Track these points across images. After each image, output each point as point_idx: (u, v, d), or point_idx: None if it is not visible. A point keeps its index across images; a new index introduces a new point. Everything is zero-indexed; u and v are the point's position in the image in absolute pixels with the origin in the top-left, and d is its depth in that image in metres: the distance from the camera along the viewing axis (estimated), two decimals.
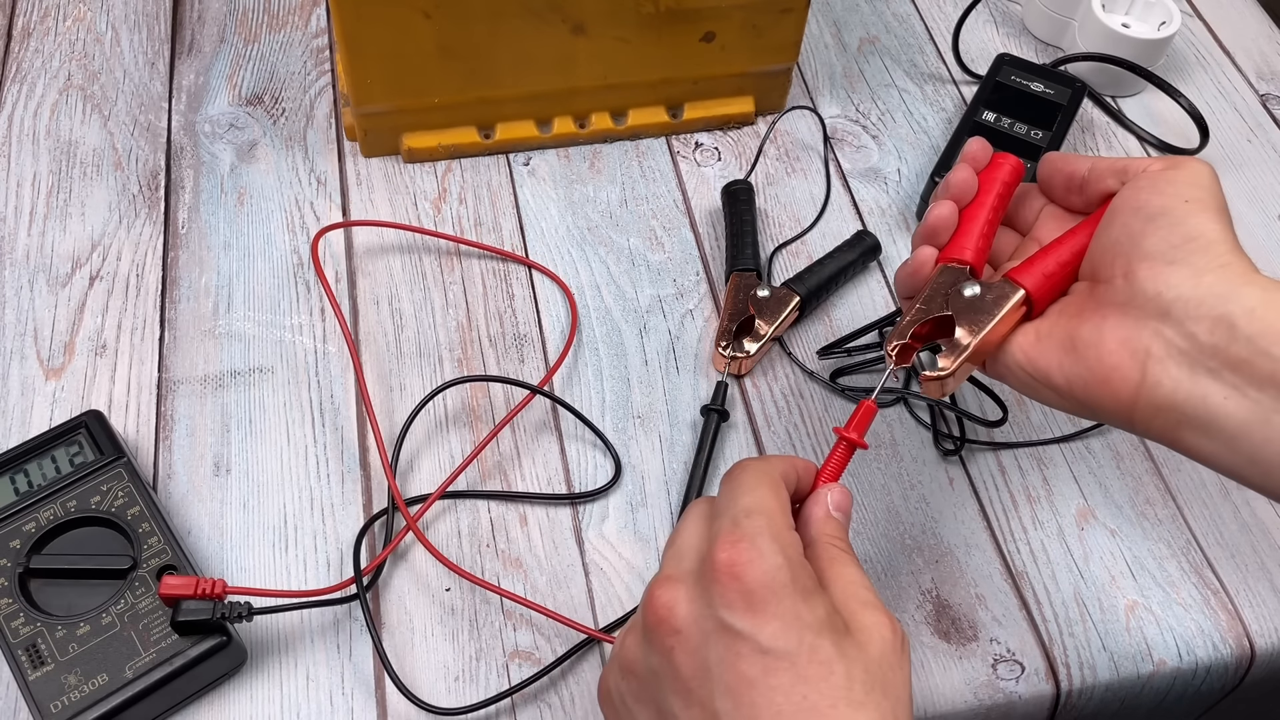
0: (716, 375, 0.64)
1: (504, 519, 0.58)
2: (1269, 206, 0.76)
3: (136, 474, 0.55)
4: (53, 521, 0.53)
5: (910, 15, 0.86)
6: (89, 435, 0.56)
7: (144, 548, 0.52)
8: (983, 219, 0.50)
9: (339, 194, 0.71)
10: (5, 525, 0.53)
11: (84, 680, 0.49)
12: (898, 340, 0.48)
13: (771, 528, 0.39)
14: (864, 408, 0.47)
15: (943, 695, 0.54)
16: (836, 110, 0.79)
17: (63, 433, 0.56)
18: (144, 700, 0.49)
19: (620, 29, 0.69)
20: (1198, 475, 0.62)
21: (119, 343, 0.63)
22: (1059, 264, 0.47)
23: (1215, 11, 0.89)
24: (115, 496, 0.54)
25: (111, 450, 0.56)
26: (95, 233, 0.68)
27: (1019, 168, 0.52)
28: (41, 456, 0.55)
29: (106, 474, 0.55)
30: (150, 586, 0.51)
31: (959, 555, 0.59)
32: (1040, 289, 0.46)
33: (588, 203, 0.72)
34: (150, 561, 0.52)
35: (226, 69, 0.77)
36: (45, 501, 0.53)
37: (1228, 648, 0.56)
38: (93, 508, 0.53)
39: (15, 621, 0.50)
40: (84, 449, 0.56)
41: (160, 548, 0.52)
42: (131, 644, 0.50)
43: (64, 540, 0.53)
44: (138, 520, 0.53)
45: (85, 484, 0.54)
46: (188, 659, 0.49)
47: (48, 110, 0.74)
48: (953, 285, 0.47)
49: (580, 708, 0.52)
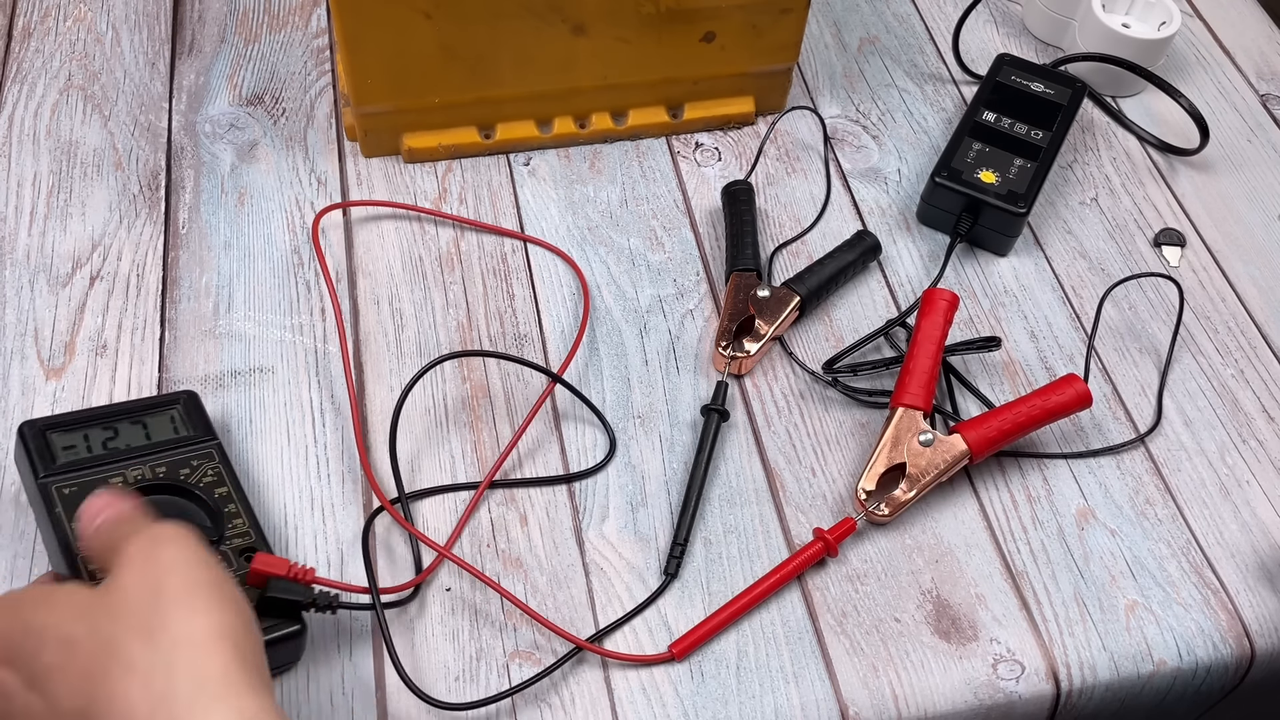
0: (717, 375, 0.64)
1: (504, 519, 0.58)
2: (1269, 206, 0.76)
3: (227, 457, 0.55)
4: (140, 482, 0.52)
5: (910, 15, 0.86)
6: (183, 412, 0.56)
7: (228, 527, 0.52)
8: (932, 365, 0.61)
9: (339, 194, 0.71)
10: (92, 473, 0.52)
11: None
12: (867, 485, 0.59)
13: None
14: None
15: (943, 695, 0.54)
16: (836, 110, 0.79)
17: (156, 405, 0.56)
18: None
19: (620, 29, 0.69)
20: (1197, 475, 0.62)
21: (119, 343, 0.63)
22: (1000, 430, 0.59)
23: (1215, 11, 0.89)
24: (204, 473, 0.54)
25: (204, 430, 0.56)
26: (96, 233, 0.68)
27: (954, 302, 0.63)
28: (133, 421, 0.55)
29: (197, 450, 0.54)
30: (231, 564, 0.51)
31: (959, 555, 0.59)
32: (979, 445, 0.59)
33: (588, 203, 0.72)
34: (233, 541, 0.52)
35: (227, 69, 0.77)
36: (135, 461, 0.53)
37: (1228, 648, 0.56)
38: (181, 479, 0.53)
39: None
40: (177, 424, 0.56)
41: (244, 529, 0.52)
42: None
43: (150, 503, 0.50)
44: (224, 500, 0.53)
45: (176, 455, 0.54)
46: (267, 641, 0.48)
47: (48, 110, 0.74)
48: (912, 432, 0.59)
49: (580, 708, 0.52)
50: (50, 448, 0.53)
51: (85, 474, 0.52)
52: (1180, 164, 0.78)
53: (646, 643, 0.55)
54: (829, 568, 0.57)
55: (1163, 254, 0.72)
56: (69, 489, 0.52)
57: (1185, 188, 0.76)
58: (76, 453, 0.53)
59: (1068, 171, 0.76)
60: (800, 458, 0.62)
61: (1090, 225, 0.74)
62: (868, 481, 0.58)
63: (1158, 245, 0.73)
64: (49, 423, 0.54)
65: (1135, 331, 0.68)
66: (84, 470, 0.53)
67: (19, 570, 0.55)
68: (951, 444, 0.59)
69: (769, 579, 0.56)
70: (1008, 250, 0.71)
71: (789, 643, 0.55)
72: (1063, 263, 0.71)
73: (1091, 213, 0.74)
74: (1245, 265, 0.72)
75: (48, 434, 0.54)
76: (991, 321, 0.68)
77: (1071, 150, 0.78)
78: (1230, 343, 0.68)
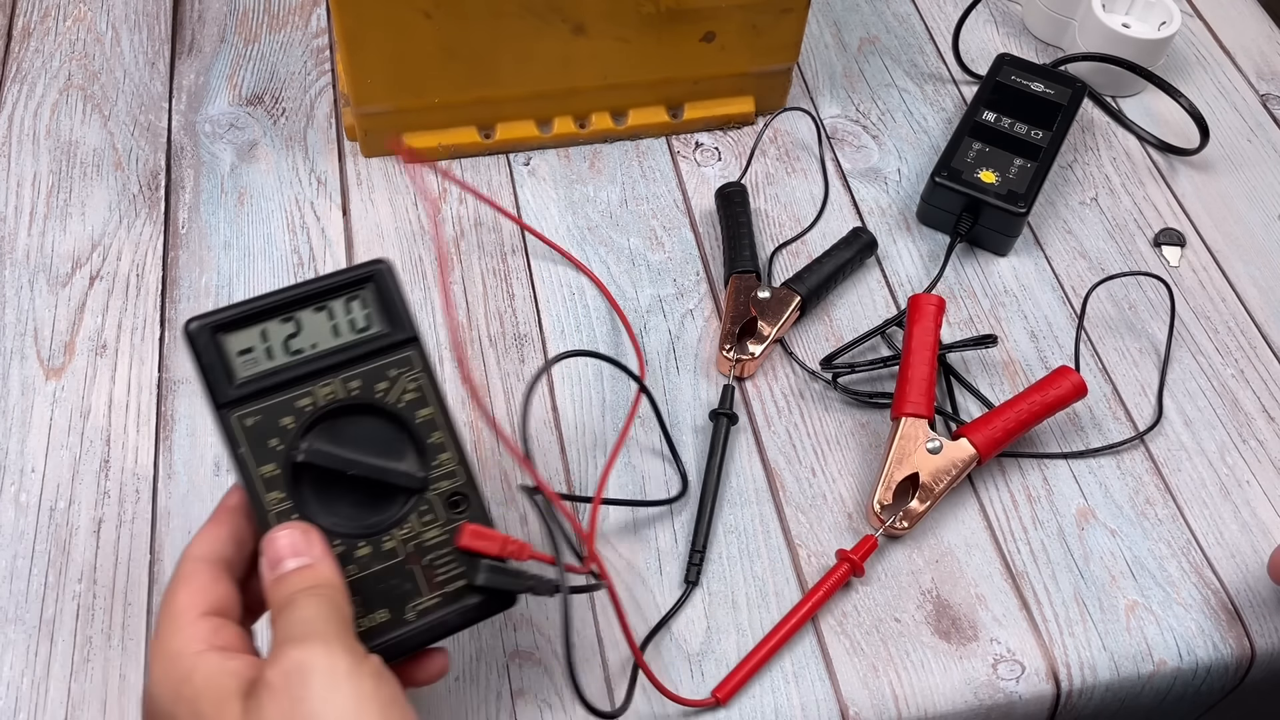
0: (717, 375, 0.64)
1: (504, 519, 0.58)
2: (1269, 206, 0.76)
3: (429, 363, 0.44)
4: (331, 402, 0.42)
5: (910, 15, 0.86)
6: (378, 296, 0.44)
7: (433, 463, 0.43)
8: (929, 370, 0.61)
9: (339, 194, 0.71)
10: (275, 396, 0.42)
11: (362, 611, 0.41)
12: (884, 499, 0.58)
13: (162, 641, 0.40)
14: None
15: (943, 695, 0.54)
16: (837, 110, 0.79)
17: (343, 285, 0.44)
18: (415, 648, 0.42)
19: (620, 29, 0.69)
20: (1198, 475, 0.62)
21: (119, 342, 0.63)
22: (1004, 430, 0.59)
23: (1215, 11, 0.89)
24: (404, 388, 0.43)
25: (404, 325, 0.44)
26: (95, 232, 0.68)
27: (941, 305, 0.63)
28: (317, 308, 0.43)
29: (396, 356, 0.44)
30: (438, 514, 0.43)
31: (959, 555, 0.59)
32: (986, 447, 0.59)
33: (588, 203, 0.72)
34: (440, 484, 0.43)
35: (227, 69, 0.77)
36: (323, 373, 0.43)
37: (1228, 648, 0.56)
38: (377, 397, 0.43)
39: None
40: (371, 313, 0.44)
41: (452, 467, 0.43)
42: (414, 581, 0.42)
43: (340, 430, 0.43)
44: (428, 426, 0.43)
45: (371, 362, 0.43)
46: (472, 613, 0.43)
47: (48, 110, 0.74)
48: (919, 441, 0.59)
49: (580, 708, 0.52)
50: (225, 359, 0.42)
51: (268, 398, 0.42)
52: (1180, 164, 0.78)
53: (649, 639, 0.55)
54: (829, 567, 0.57)
55: (1163, 254, 0.72)
56: (251, 418, 0.42)
57: (1185, 187, 0.76)
58: (255, 362, 0.43)
59: (1068, 171, 0.76)
60: (800, 458, 0.62)
61: (1090, 225, 0.74)
62: (884, 496, 0.58)
63: (1158, 245, 0.73)
64: (220, 321, 0.43)
65: (1135, 331, 0.68)
66: (266, 392, 0.42)
67: (18, 570, 0.55)
68: (959, 448, 0.59)
69: (801, 608, 0.55)
70: (1008, 250, 0.71)
71: (789, 643, 0.55)
72: (1063, 262, 0.71)
73: (1091, 213, 0.74)
74: (1245, 265, 0.72)
75: (220, 337, 0.43)
76: (991, 321, 0.68)
77: (1071, 150, 0.78)
78: (1230, 342, 0.68)
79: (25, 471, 0.58)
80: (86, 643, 0.53)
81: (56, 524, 0.57)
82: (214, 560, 0.42)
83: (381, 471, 0.43)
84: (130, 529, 0.57)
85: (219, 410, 0.42)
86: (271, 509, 0.42)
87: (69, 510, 0.57)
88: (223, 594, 0.41)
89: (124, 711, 0.52)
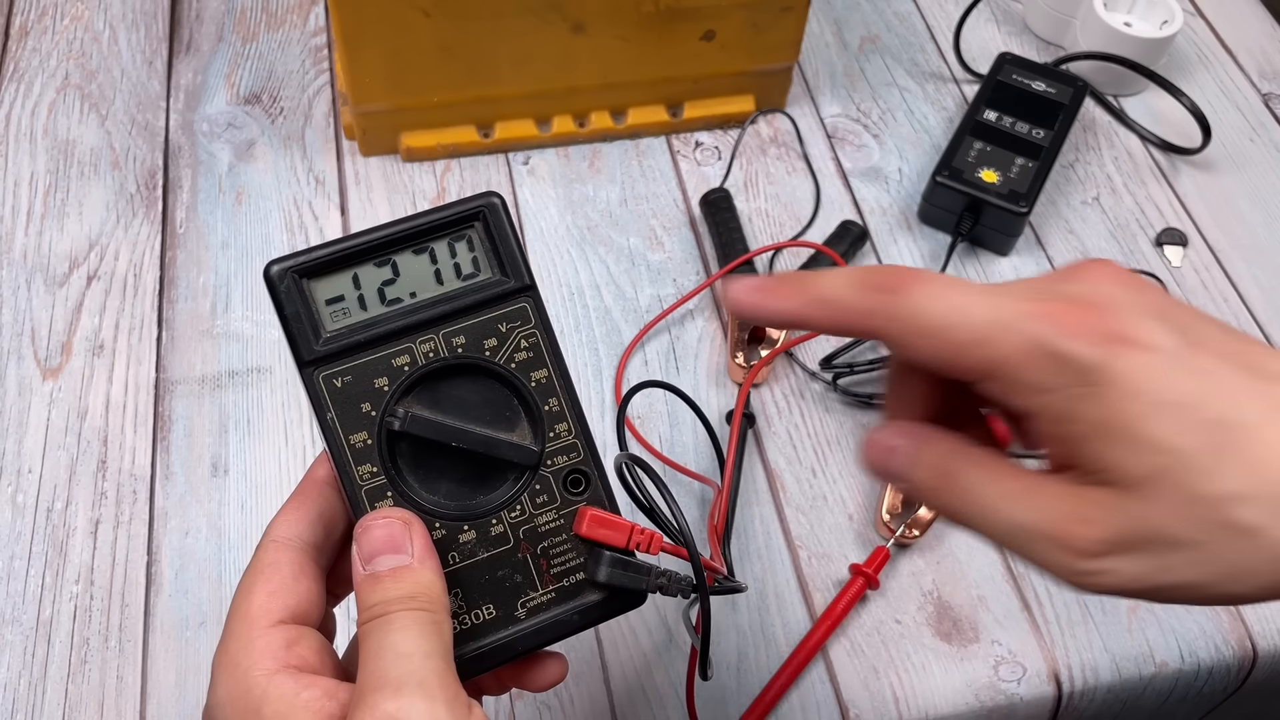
0: (718, 375, 0.64)
1: None
2: (1271, 206, 0.75)
3: (546, 318, 0.38)
4: (431, 361, 0.37)
5: (911, 14, 0.86)
6: (487, 237, 0.38)
7: (550, 435, 0.37)
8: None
9: (337, 193, 0.71)
10: (374, 350, 0.37)
11: (466, 608, 0.37)
12: (894, 508, 0.58)
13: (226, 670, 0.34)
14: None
15: (944, 697, 0.54)
16: (837, 109, 0.79)
17: (447, 222, 0.38)
18: (525, 652, 0.37)
19: (620, 28, 0.68)
20: None
21: (116, 343, 0.63)
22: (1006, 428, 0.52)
23: (1217, 10, 0.88)
24: (517, 346, 0.38)
25: (518, 271, 0.38)
26: (93, 232, 0.68)
27: None
28: (417, 251, 0.38)
29: (508, 308, 0.38)
30: (555, 495, 0.38)
31: (960, 556, 0.58)
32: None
33: (587, 202, 0.72)
34: (557, 459, 0.38)
35: (224, 68, 0.77)
36: (424, 328, 0.37)
37: (1230, 649, 0.56)
38: (485, 355, 0.37)
39: (380, 503, 0.36)
40: (479, 257, 0.38)
41: (569, 441, 0.38)
42: (527, 572, 0.37)
43: (442, 394, 0.37)
44: (544, 391, 0.38)
45: (478, 315, 0.37)
46: (594, 612, 0.38)
47: (45, 109, 0.74)
48: None
49: (580, 708, 0.52)
50: (312, 309, 0.37)
51: (360, 355, 0.37)
52: (1182, 163, 0.77)
53: (656, 642, 0.54)
54: (829, 568, 0.57)
55: (1165, 254, 0.72)
56: (341, 379, 0.36)
57: (1187, 187, 0.76)
58: (346, 313, 0.37)
59: (1069, 171, 0.76)
60: (800, 458, 0.61)
61: (1092, 225, 0.73)
62: (894, 504, 0.58)
63: (1159, 245, 0.73)
64: (306, 265, 0.36)
65: None
66: (359, 348, 0.37)
67: (15, 571, 0.55)
68: None
69: (820, 629, 0.55)
70: (1009, 250, 0.71)
71: (789, 644, 0.55)
72: (1064, 262, 0.71)
73: (1093, 212, 0.74)
74: (1248, 265, 0.72)
75: (306, 284, 0.37)
76: None
77: (1073, 149, 0.77)
78: None
79: (22, 472, 0.58)
80: (84, 644, 0.53)
81: (53, 525, 0.57)
82: (299, 547, 0.36)
83: (490, 444, 0.37)
84: (127, 530, 0.57)
85: (303, 368, 0.36)
86: (363, 485, 0.36)
87: (66, 511, 0.57)
88: (304, 593, 0.36)
89: (121, 713, 0.51)
